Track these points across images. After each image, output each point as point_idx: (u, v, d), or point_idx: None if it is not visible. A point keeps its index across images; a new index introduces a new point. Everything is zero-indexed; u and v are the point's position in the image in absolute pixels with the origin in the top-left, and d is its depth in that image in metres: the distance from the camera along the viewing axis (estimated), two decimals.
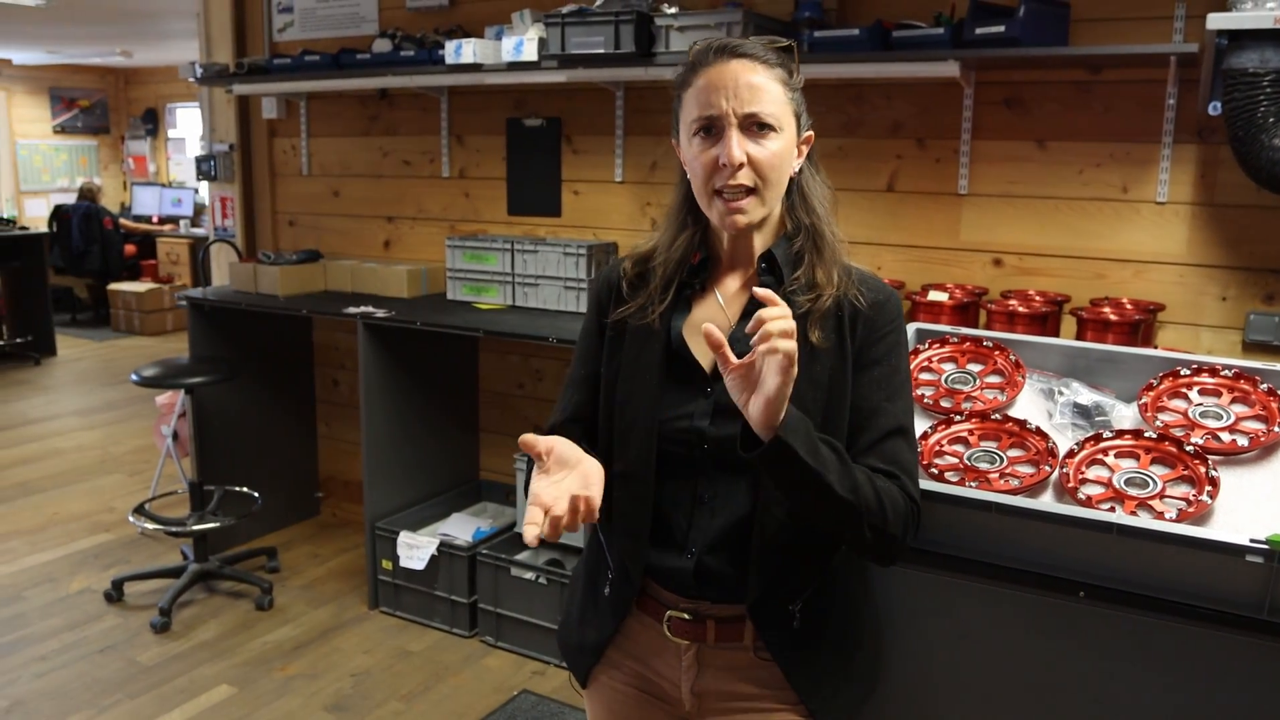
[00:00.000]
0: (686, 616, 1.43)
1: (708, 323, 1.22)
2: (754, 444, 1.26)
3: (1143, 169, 2.88)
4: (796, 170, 1.45)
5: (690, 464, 1.42)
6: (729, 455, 1.38)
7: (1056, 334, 2.81)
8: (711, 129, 1.38)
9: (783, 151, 1.38)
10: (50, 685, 3.27)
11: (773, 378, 1.20)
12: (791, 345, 1.18)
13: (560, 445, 1.28)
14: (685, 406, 1.42)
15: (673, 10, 3.14)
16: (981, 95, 3.06)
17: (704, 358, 1.43)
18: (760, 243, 1.46)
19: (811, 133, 1.46)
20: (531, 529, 1.19)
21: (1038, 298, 2.93)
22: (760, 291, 1.22)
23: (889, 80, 3.15)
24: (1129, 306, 2.81)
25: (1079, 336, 2.71)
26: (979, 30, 2.76)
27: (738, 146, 1.35)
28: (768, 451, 1.23)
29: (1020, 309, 2.76)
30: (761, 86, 1.36)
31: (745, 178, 1.36)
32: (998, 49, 2.75)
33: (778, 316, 1.18)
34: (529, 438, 1.25)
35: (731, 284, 1.48)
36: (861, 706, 1.51)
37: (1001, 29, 2.73)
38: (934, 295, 2.91)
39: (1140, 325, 2.65)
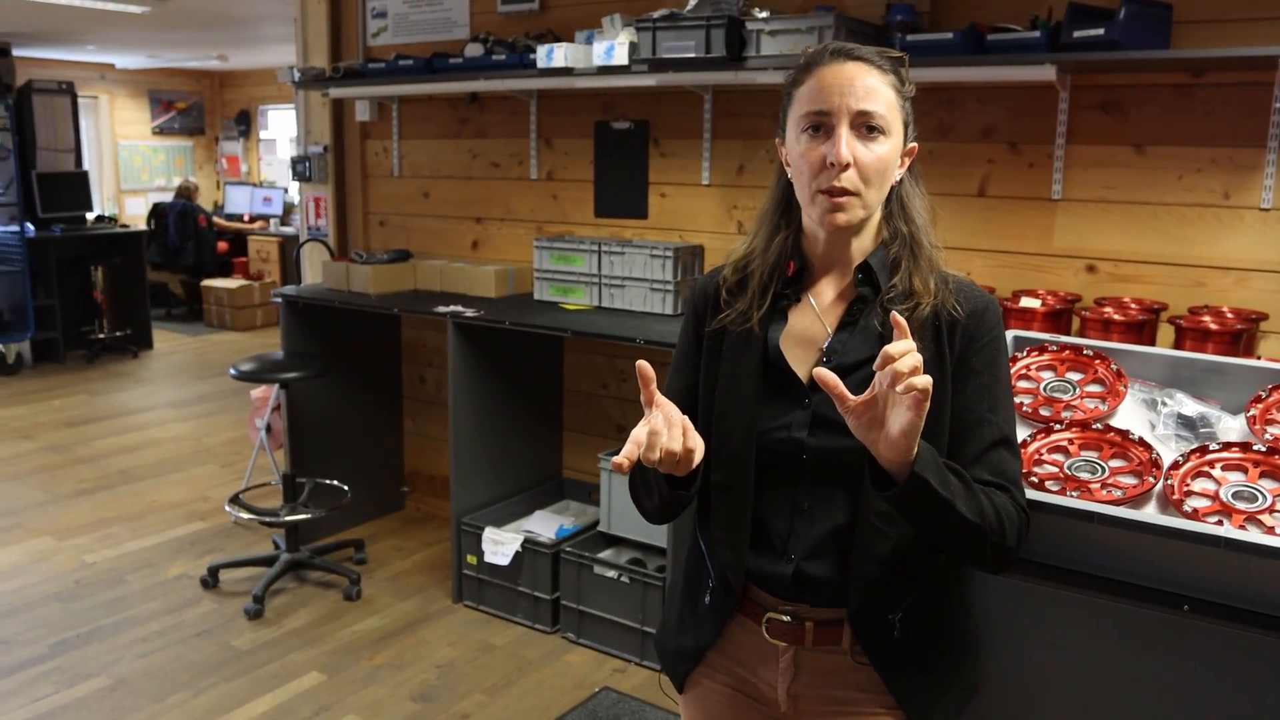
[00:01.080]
0: (785, 619, 1.44)
1: (819, 369, 1.22)
2: (883, 480, 1.25)
3: (1246, 174, 2.81)
4: (897, 180, 1.44)
5: (789, 474, 1.42)
6: (828, 465, 1.39)
7: (1153, 342, 2.75)
8: (820, 127, 1.37)
9: (888, 157, 1.38)
10: (151, 666, 3.41)
11: (905, 413, 1.17)
12: (926, 381, 1.15)
13: (670, 405, 1.28)
14: (783, 418, 1.42)
15: (764, 14, 3.15)
16: (1077, 99, 3.02)
17: (801, 369, 1.43)
18: (857, 248, 1.46)
19: (915, 145, 1.46)
20: (622, 457, 1.21)
21: (1133, 305, 2.87)
22: (895, 318, 1.20)
23: (982, 84, 3.12)
24: (1230, 315, 2.75)
25: (1177, 345, 2.65)
26: (1077, 33, 2.72)
27: (846, 146, 1.35)
28: (904, 490, 1.22)
29: (1116, 316, 2.71)
30: (875, 89, 1.37)
31: (849, 180, 1.35)
32: (1096, 52, 2.71)
33: (905, 352, 1.15)
34: (646, 366, 1.26)
35: (827, 292, 1.48)
36: (960, 716, 1.50)
37: (1100, 32, 2.68)
38: (1026, 302, 2.87)
39: (1242, 335, 2.58)
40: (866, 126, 1.36)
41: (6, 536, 4.51)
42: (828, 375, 1.20)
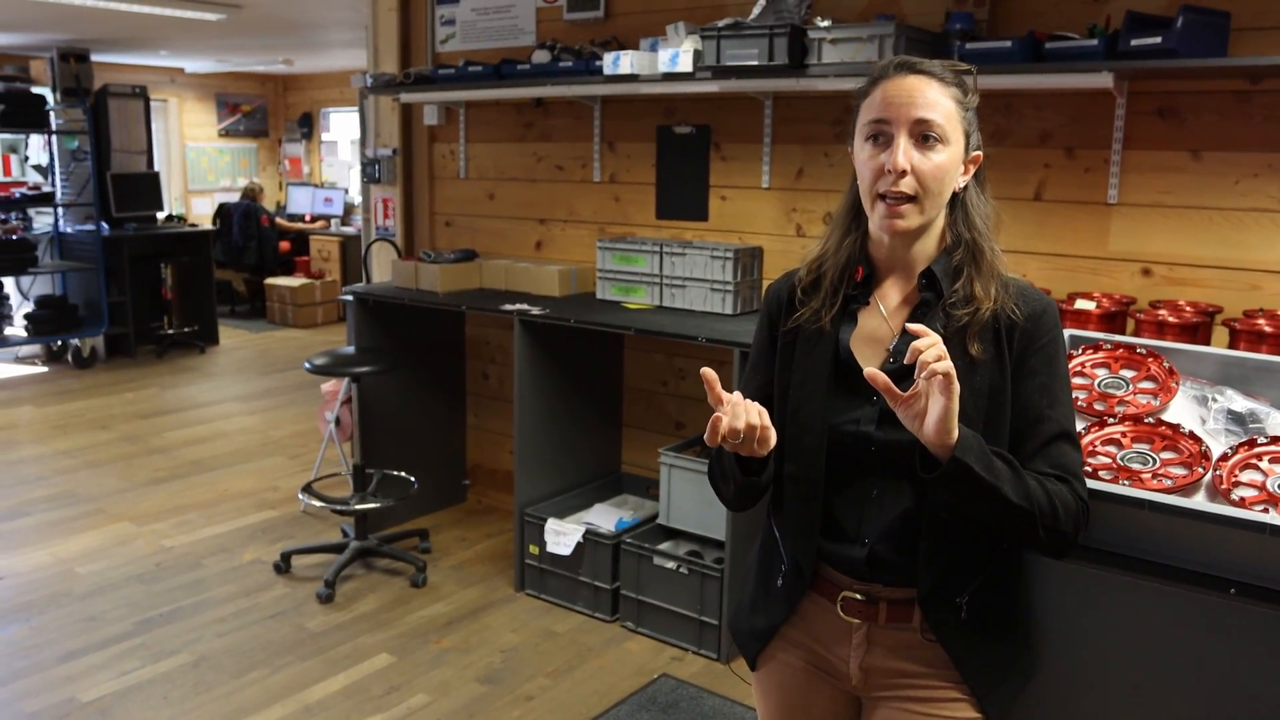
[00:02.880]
0: (859, 598, 1.54)
1: (870, 369, 1.36)
2: (931, 465, 1.37)
3: None
4: (961, 186, 1.53)
5: (859, 465, 1.53)
6: (895, 457, 1.49)
7: (1207, 344, 2.80)
8: (881, 136, 1.47)
9: (946, 164, 1.47)
10: (230, 644, 3.57)
11: (938, 398, 1.31)
12: (948, 365, 1.29)
13: (738, 396, 1.40)
14: (853, 413, 1.53)
15: (825, 23, 3.24)
16: (1134, 105, 3.07)
17: (869, 367, 1.53)
18: (920, 252, 1.54)
19: (980, 152, 1.54)
20: (713, 430, 1.35)
21: (1188, 308, 2.92)
22: (911, 327, 1.35)
23: (1039, 90, 3.18)
24: None
25: (1231, 347, 2.69)
26: (1134, 42, 2.77)
27: (903, 154, 1.44)
28: (946, 472, 1.34)
29: (1170, 319, 2.76)
30: (935, 100, 1.46)
31: (907, 186, 1.45)
32: (1154, 60, 2.76)
33: (929, 345, 1.30)
34: (710, 373, 1.38)
35: (893, 295, 1.57)
36: (1020, 695, 1.59)
37: (1158, 40, 2.73)
38: (1081, 304, 2.93)
39: None
40: (924, 136, 1.45)
41: (90, 521, 4.73)
42: (876, 374, 1.34)
